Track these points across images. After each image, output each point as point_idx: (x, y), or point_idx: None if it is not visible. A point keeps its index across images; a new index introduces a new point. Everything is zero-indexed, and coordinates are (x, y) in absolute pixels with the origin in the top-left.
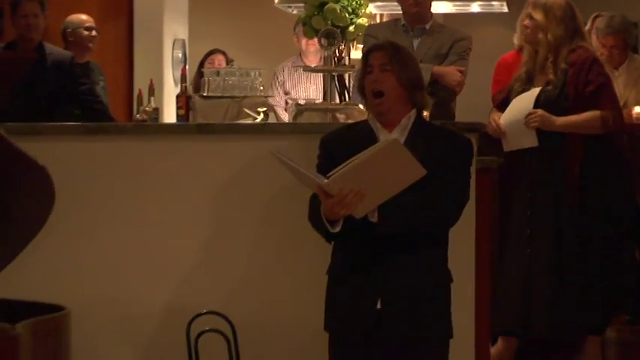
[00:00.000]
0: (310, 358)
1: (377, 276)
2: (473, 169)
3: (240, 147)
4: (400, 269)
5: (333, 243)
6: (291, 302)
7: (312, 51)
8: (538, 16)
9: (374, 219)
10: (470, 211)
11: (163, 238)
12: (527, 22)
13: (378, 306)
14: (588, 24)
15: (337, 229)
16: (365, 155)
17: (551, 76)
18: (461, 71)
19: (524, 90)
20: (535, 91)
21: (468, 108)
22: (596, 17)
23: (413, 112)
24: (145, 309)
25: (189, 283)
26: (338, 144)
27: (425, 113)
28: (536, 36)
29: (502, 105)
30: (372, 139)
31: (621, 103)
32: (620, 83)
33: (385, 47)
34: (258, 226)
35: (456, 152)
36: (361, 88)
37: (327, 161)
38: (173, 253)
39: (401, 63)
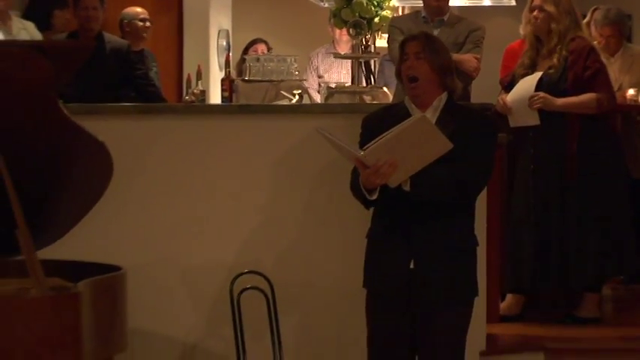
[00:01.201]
0: (345, 314)
1: (411, 239)
2: None
3: (277, 125)
4: (432, 233)
5: (373, 210)
6: (331, 264)
7: (345, 40)
8: (550, 8)
9: (407, 188)
10: None
11: (209, 206)
12: (536, 13)
13: (412, 266)
14: (588, 16)
15: (374, 196)
16: (396, 130)
17: (555, 61)
18: (477, 58)
19: (527, 74)
20: (537, 75)
21: (480, 90)
22: (594, 10)
23: (444, 95)
24: (193, 269)
25: (233, 245)
26: (377, 123)
27: None
28: (547, 26)
29: (508, 87)
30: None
31: (617, 87)
32: (615, 69)
33: (419, 37)
34: (290, 192)
35: (482, 129)
36: (398, 74)
37: (368, 138)
38: (217, 219)
39: (433, 51)
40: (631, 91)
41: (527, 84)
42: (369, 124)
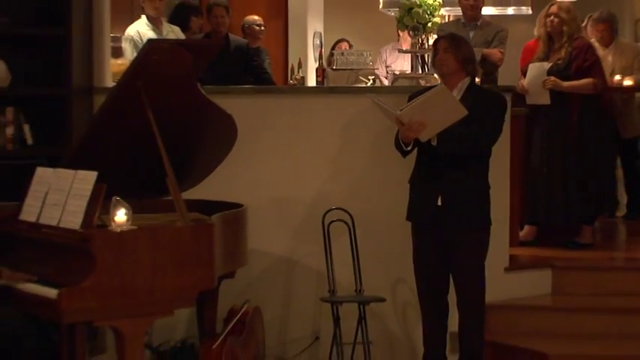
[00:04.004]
0: (401, 238)
1: (439, 182)
2: (508, 116)
3: (357, 101)
4: (454, 178)
5: (414, 162)
6: (389, 201)
7: (406, 39)
8: (565, 15)
9: (434, 143)
10: (506, 143)
11: (307, 160)
12: (553, 18)
13: (439, 202)
14: (585, 20)
15: (409, 148)
16: (423, 96)
17: (562, 54)
18: (501, 52)
19: None
20: (544, 64)
21: (505, 76)
22: (590, 17)
23: (467, 79)
24: (293, 205)
25: (324, 188)
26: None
27: (477, 80)
28: (560, 28)
29: (526, 74)
30: None
31: (610, 70)
32: (610, 56)
33: (446, 37)
34: (367, 151)
35: (493, 103)
36: (433, 64)
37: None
38: (313, 170)
39: (456, 47)
40: (617, 77)
41: (538, 71)
42: (413, 98)
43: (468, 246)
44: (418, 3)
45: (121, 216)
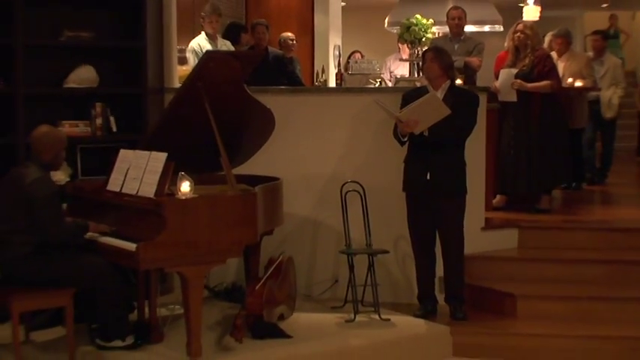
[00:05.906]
0: (401, 204)
1: (427, 162)
2: (484, 110)
3: (367, 99)
4: (439, 158)
5: (407, 147)
6: (391, 176)
7: (406, 50)
8: (529, 32)
9: (426, 134)
10: (482, 131)
11: (329, 143)
12: (519, 34)
13: (427, 177)
14: (547, 38)
15: (405, 139)
16: (418, 101)
17: (527, 62)
18: (479, 60)
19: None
20: (512, 70)
21: (483, 79)
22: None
23: (448, 82)
24: (318, 179)
25: (341, 164)
26: (410, 97)
27: (460, 82)
28: (525, 42)
29: (498, 78)
30: None
31: (562, 74)
32: (563, 63)
33: (432, 49)
34: (375, 137)
35: (469, 101)
36: (422, 70)
37: (404, 106)
38: (333, 151)
39: (440, 57)
40: (569, 80)
41: (507, 76)
42: (406, 97)
43: (450, 209)
44: (415, 22)
45: (185, 187)
